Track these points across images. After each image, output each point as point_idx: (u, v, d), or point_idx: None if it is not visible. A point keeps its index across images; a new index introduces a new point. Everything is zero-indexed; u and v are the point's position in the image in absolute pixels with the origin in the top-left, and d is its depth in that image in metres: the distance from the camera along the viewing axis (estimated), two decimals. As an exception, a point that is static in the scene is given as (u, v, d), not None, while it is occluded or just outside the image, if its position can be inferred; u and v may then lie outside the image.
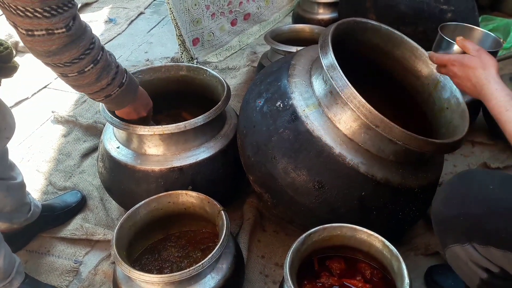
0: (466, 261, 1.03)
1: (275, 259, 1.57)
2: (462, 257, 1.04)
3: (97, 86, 1.19)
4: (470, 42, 1.17)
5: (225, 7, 2.39)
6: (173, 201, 1.41)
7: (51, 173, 1.98)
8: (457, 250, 1.04)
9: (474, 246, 0.99)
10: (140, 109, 1.42)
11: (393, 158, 1.30)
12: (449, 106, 1.45)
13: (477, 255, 1.00)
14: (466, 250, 1.01)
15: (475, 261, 1.01)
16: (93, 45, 1.11)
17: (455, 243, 1.03)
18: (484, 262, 0.99)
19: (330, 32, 1.33)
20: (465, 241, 1.00)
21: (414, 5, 2.15)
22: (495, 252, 0.96)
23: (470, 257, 1.02)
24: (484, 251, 0.98)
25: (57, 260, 1.60)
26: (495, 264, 0.98)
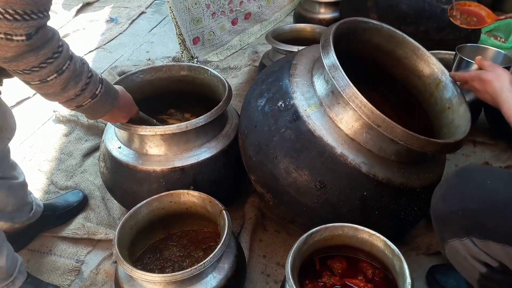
0: (465, 256, 1.04)
1: (276, 258, 1.57)
2: (461, 252, 1.05)
3: (63, 97, 1.12)
4: (486, 60, 1.31)
5: (225, 6, 2.39)
6: (174, 200, 1.41)
7: (52, 172, 1.99)
8: (456, 244, 1.05)
9: (472, 240, 1.00)
10: (119, 118, 1.37)
11: (394, 158, 1.30)
12: (450, 106, 1.45)
13: (476, 249, 1.01)
14: (465, 244, 1.02)
15: (474, 256, 1.02)
16: (57, 54, 1.04)
17: (454, 237, 1.05)
18: (483, 256, 1.00)
19: (332, 32, 1.33)
20: (464, 236, 1.02)
21: (416, 4, 2.15)
22: (493, 246, 0.97)
23: (469, 251, 1.03)
24: (483, 245, 0.99)
25: (59, 259, 1.61)
26: (494, 258, 0.99)
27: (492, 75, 1.23)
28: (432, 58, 1.53)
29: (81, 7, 3.59)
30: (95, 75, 1.19)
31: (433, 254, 1.54)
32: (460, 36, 2.22)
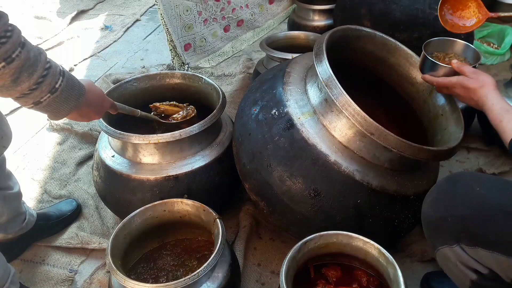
0: (455, 263, 1.04)
1: (271, 267, 1.57)
2: (451, 259, 1.05)
3: (16, 91, 0.98)
4: (466, 66, 1.30)
5: (217, 13, 2.39)
6: (168, 209, 1.40)
7: (46, 181, 1.98)
8: (446, 251, 1.05)
9: (462, 247, 1.01)
10: (89, 115, 1.23)
11: (388, 166, 1.30)
12: (444, 112, 1.46)
13: (465, 256, 1.01)
14: (454, 251, 1.02)
15: (464, 263, 1.02)
16: (5, 39, 0.91)
17: (444, 244, 1.05)
18: (472, 263, 1.00)
19: (325, 40, 1.34)
20: (454, 243, 1.02)
21: (409, 12, 2.16)
22: (483, 253, 0.97)
23: (459, 258, 1.03)
24: (472, 252, 0.99)
25: (52, 269, 1.59)
26: (483, 265, 0.99)
27: (476, 83, 1.23)
28: (425, 65, 1.53)
29: (76, 15, 3.59)
30: (54, 66, 1.04)
31: (428, 261, 1.54)
32: (453, 43, 2.23)
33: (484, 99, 1.19)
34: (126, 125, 1.58)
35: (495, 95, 1.19)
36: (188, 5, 2.19)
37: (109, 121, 1.52)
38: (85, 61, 2.99)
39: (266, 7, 2.75)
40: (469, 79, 1.25)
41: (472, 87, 1.23)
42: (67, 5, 3.81)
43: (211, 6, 2.33)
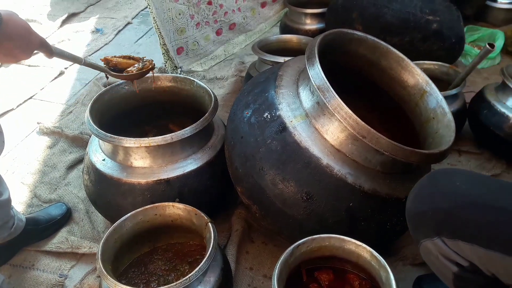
0: (436, 255, 1.04)
1: (263, 270, 1.56)
2: (433, 252, 1.05)
3: None
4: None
5: (210, 17, 2.39)
6: (159, 213, 1.39)
7: (36, 185, 1.95)
8: (428, 244, 1.05)
9: (443, 240, 1.01)
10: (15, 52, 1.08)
11: (380, 169, 1.30)
12: (435, 116, 1.46)
13: (446, 249, 1.01)
14: (435, 244, 1.03)
15: (445, 255, 1.02)
16: None
17: (425, 238, 1.05)
18: (453, 255, 1.01)
19: (317, 43, 1.34)
20: (434, 235, 1.02)
21: (400, 15, 2.18)
22: (462, 246, 0.97)
23: (440, 251, 1.03)
24: (453, 245, 0.99)
25: (41, 274, 1.57)
26: (464, 258, 1.00)
27: None
28: (416, 69, 1.54)
29: (66, 17, 3.57)
30: None
31: (420, 264, 1.54)
32: (444, 46, 2.25)
33: None
34: (117, 128, 1.57)
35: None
36: (180, 9, 2.19)
37: (100, 124, 1.51)
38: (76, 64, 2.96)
39: (258, 11, 2.76)
40: None
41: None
42: (58, 8, 3.78)
43: (203, 9, 2.33)
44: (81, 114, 2.39)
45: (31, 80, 2.76)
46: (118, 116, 1.71)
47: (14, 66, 2.92)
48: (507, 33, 2.73)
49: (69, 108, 2.48)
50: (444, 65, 2.07)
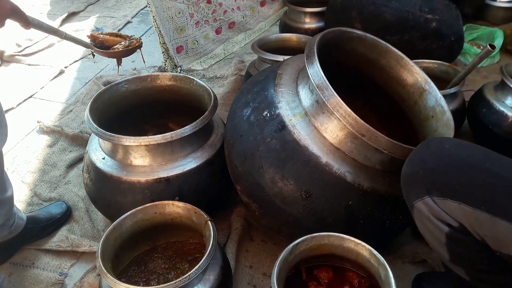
0: (428, 216, 1.05)
1: (263, 269, 1.56)
2: (424, 212, 1.06)
3: None
4: None
5: (209, 16, 2.40)
6: (159, 211, 1.39)
7: (36, 184, 1.96)
8: (420, 205, 1.06)
9: (433, 199, 1.02)
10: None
11: (379, 167, 1.31)
12: (434, 114, 1.47)
13: (436, 208, 1.02)
14: (426, 203, 1.04)
15: (436, 215, 1.03)
16: None
17: (417, 198, 1.06)
18: (443, 215, 1.01)
19: (316, 42, 1.34)
20: (425, 194, 1.03)
21: (399, 14, 2.18)
22: (451, 205, 0.98)
23: (430, 211, 1.04)
24: (442, 204, 1.00)
25: (42, 272, 1.58)
26: (453, 218, 1.00)
27: None
28: (415, 67, 1.54)
29: (66, 17, 3.57)
30: None
31: (419, 262, 1.55)
32: (444, 45, 2.25)
33: None
34: (117, 127, 1.57)
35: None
36: (180, 8, 2.19)
37: (100, 123, 1.51)
38: (75, 63, 2.98)
39: (258, 10, 2.76)
40: None
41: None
42: (57, 7, 3.78)
43: (202, 8, 2.33)
44: (81, 113, 2.39)
45: (31, 79, 2.76)
46: (118, 115, 1.71)
47: (14, 65, 2.92)
48: (506, 32, 2.73)
49: (69, 107, 2.48)
50: (443, 64, 2.07)
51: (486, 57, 1.68)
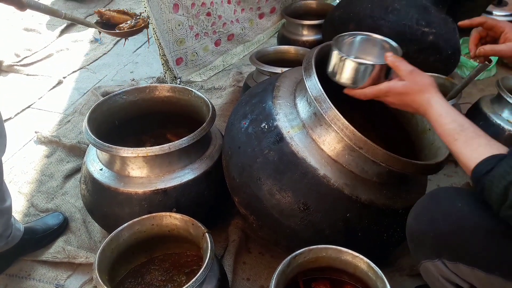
0: (437, 277, 1.04)
1: (260, 281, 1.55)
2: (433, 273, 1.05)
3: None
4: (402, 62, 1.08)
5: (208, 28, 2.41)
6: (156, 223, 1.39)
7: (33, 194, 1.95)
8: (429, 266, 1.05)
9: (444, 262, 1.01)
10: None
11: (377, 179, 1.31)
12: (431, 127, 1.47)
13: (447, 271, 1.01)
14: (436, 266, 1.03)
15: (446, 277, 1.02)
16: None
17: (426, 259, 1.05)
18: (454, 278, 1.01)
19: (314, 55, 1.35)
20: (435, 257, 1.02)
21: (397, 27, 2.19)
22: (463, 269, 0.97)
23: (440, 273, 1.03)
24: (453, 267, 0.99)
25: (38, 284, 1.57)
26: (464, 280, 0.99)
27: (413, 86, 1.04)
28: (412, 80, 1.55)
29: (65, 27, 3.58)
30: None
31: (417, 275, 1.54)
32: (440, 58, 2.26)
33: (427, 107, 1.02)
34: (114, 138, 1.57)
35: (440, 101, 1.02)
36: (180, 20, 2.20)
37: (98, 134, 1.51)
38: (74, 74, 2.98)
39: (256, 22, 2.78)
40: (404, 84, 1.05)
41: (407, 91, 1.04)
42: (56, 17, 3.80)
43: (202, 20, 2.35)
44: (79, 124, 2.39)
45: (29, 89, 2.76)
46: (116, 125, 1.71)
47: (12, 75, 2.93)
48: (503, 45, 2.75)
49: (67, 117, 2.48)
50: (440, 77, 2.08)
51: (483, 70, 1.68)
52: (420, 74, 1.06)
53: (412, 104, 1.05)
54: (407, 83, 1.05)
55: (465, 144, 0.95)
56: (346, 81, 1.16)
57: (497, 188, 0.84)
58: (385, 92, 1.08)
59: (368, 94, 1.11)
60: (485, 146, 0.92)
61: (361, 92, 1.12)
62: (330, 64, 1.18)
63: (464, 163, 0.95)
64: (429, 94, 1.03)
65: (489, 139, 0.95)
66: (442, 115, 1.00)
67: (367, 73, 1.10)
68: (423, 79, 1.05)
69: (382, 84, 1.09)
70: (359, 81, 1.12)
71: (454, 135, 0.97)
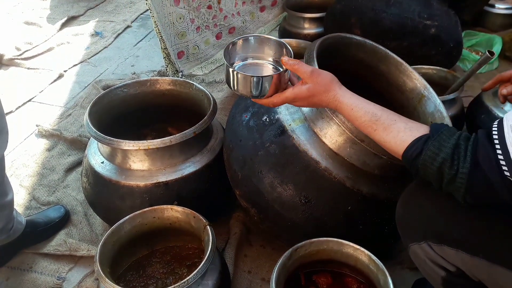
0: (424, 259, 1.05)
1: (261, 274, 1.56)
2: (420, 256, 1.06)
3: None
4: (300, 64, 1.07)
5: (210, 21, 2.40)
6: (158, 216, 1.39)
7: (34, 187, 1.95)
8: (416, 248, 1.06)
9: (430, 245, 1.02)
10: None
11: (378, 172, 1.31)
12: (433, 120, 1.47)
13: (433, 254, 1.02)
14: (423, 248, 1.04)
15: (432, 260, 1.03)
16: None
17: (413, 242, 1.06)
18: (440, 260, 1.02)
19: (315, 47, 1.34)
20: (421, 240, 1.03)
21: (399, 20, 2.18)
22: (448, 251, 0.98)
23: (427, 256, 1.04)
24: (439, 250, 1.00)
25: (39, 276, 1.57)
26: (450, 263, 1.00)
27: (317, 88, 1.04)
28: (414, 73, 1.55)
29: (66, 21, 3.57)
30: None
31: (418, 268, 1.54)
32: (442, 51, 2.26)
33: (336, 104, 1.04)
34: (116, 131, 1.57)
35: (346, 94, 1.04)
36: (181, 13, 2.20)
37: (99, 127, 1.51)
38: (75, 67, 2.98)
39: (257, 15, 2.77)
40: (308, 87, 1.05)
41: (312, 94, 1.05)
42: (57, 11, 3.79)
43: (203, 13, 2.34)
44: (80, 117, 2.39)
45: (30, 82, 2.76)
46: (117, 119, 1.71)
47: (13, 68, 2.92)
48: (505, 38, 2.74)
49: (68, 110, 2.48)
50: (442, 70, 2.08)
51: (485, 63, 1.68)
52: (320, 74, 1.06)
53: (321, 103, 1.07)
54: (310, 85, 1.05)
55: (386, 132, 0.98)
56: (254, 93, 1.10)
57: (431, 170, 0.90)
58: (292, 99, 1.08)
59: (276, 102, 1.10)
60: (405, 130, 0.96)
61: (269, 101, 1.11)
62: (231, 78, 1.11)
63: (392, 149, 0.99)
64: (334, 91, 1.05)
65: (406, 121, 0.98)
66: (353, 109, 1.02)
67: (268, 83, 1.08)
68: (324, 78, 1.06)
69: (287, 91, 1.08)
70: (264, 91, 1.09)
71: (372, 125, 1.00)
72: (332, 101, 1.05)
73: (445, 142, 0.89)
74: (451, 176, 0.87)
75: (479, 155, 0.85)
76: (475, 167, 0.84)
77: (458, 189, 0.87)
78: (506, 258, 0.91)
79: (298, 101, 1.08)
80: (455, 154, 0.87)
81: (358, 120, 1.02)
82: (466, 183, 0.85)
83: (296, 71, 1.07)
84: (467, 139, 0.88)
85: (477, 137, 0.88)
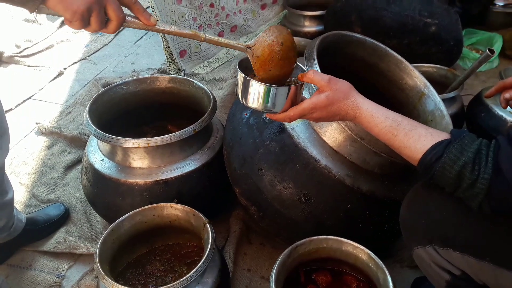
0: (429, 263, 1.05)
1: (261, 272, 1.56)
2: (425, 259, 1.06)
3: None
4: (316, 73, 1.03)
5: (212, 19, 2.40)
6: (157, 214, 1.39)
7: (34, 185, 1.95)
8: (421, 252, 1.06)
9: (435, 248, 1.02)
10: None
11: (378, 171, 1.31)
12: (433, 118, 1.47)
13: (438, 257, 1.02)
14: (428, 252, 1.04)
15: (437, 263, 1.03)
16: None
17: (418, 245, 1.06)
18: (445, 264, 1.02)
19: (316, 45, 1.34)
20: (427, 243, 1.03)
21: (399, 18, 2.18)
22: (454, 255, 0.98)
23: (432, 259, 1.04)
24: (445, 253, 1.00)
25: (39, 274, 1.57)
26: (455, 267, 1.00)
27: (337, 94, 1.01)
28: (414, 71, 1.54)
29: (66, 18, 3.57)
30: None
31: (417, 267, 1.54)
32: (443, 49, 2.25)
33: (356, 111, 1.02)
34: (115, 129, 1.57)
35: (365, 101, 1.02)
36: (183, 11, 2.19)
37: (99, 124, 1.51)
38: (75, 65, 2.97)
39: (259, 13, 2.77)
40: (327, 94, 1.01)
41: (330, 102, 1.01)
42: (57, 8, 3.78)
43: (205, 12, 2.34)
44: (80, 115, 2.39)
45: (30, 80, 2.75)
46: (117, 116, 1.71)
47: (13, 66, 2.92)
48: (505, 37, 2.74)
49: (68, 108, 2.48)
50: (442, 68, 2.07)
51: (485, 61, 1.68)
52: (338, 81, 1.04)
53: (340, 111, 1.03)
54: (329, 93, 1.02)
55: (407, 137, 0.97)
56: (269, 106, 1.04)
57: (450, 173, 0.88)
58: (311, 109, 1.03)
59: (293, 116, 1.05)
60: (426, 135, 0.95)
61: (285, 115, 1.05)
62: (247, 91, 1.04)
63: (409, 155, 0.97)
64: (353, 98, 1.03)
65: (426, 127, 0.98)
66: (373, 115, 1.00)
67: (285, 96, 1.02)
68: (342, 85, 1.03)
69: (305, 103, 1.03)
70: (279, 105, 1.04)
71: (392, 131, 0.98)
72: (352, 108, 1.02)
73: (467, 147, 0.88)
74: (471, 181, 0.85)
75: (501, 161, 0.84)
76: (497, 172, 0.83)
77: (477, 194, 0.86)
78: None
79: (316, 111, 1.03)
80: (476, 159, 0.86)
81: (378, 126, 1.00)
82: (486, 188, 0.84)
83: (314, 82, 1.03)
84: (488, 145, 0.87)
85: (498, 143, 0.87)
